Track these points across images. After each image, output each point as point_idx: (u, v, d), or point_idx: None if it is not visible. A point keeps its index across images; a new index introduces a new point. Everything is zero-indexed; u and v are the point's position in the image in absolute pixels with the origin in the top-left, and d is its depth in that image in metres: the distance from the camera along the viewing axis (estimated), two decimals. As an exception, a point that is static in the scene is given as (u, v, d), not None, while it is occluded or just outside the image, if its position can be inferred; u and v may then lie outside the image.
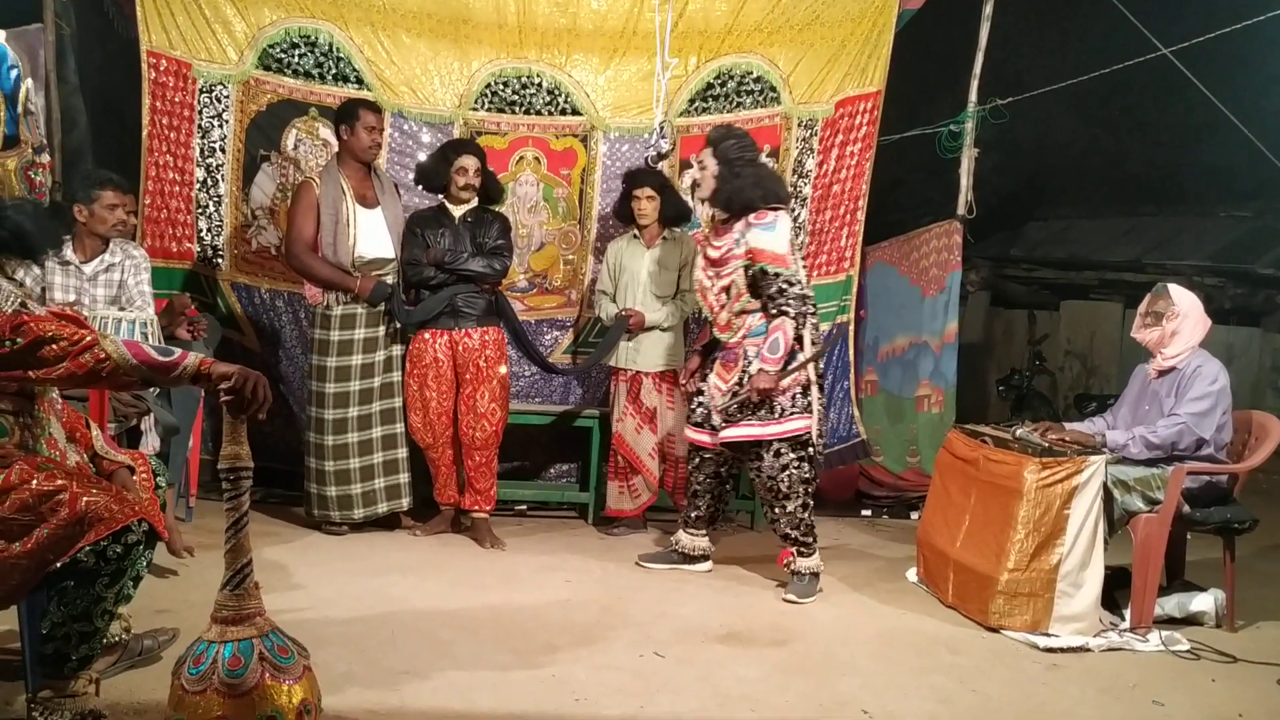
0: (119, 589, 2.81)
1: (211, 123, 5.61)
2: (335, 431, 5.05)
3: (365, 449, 5.11)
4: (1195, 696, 3.64)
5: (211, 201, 5.66)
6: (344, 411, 5.05)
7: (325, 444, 5.05)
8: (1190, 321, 4.48)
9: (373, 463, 5.14)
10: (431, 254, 5.02)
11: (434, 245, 5.03)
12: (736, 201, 4.49)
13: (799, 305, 4.44)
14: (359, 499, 5.12)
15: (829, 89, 6.00)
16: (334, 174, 5.01)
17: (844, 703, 3.40)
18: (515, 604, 4.23)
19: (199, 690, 2.43)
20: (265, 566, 4.39)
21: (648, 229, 5.44)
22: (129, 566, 2.78)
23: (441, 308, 5.03)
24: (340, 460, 5.06)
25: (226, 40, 5.57)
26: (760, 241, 4.43)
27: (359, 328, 5.05)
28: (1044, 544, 4.12)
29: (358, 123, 4.97)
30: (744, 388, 4.47)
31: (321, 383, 5.04)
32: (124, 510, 2.69)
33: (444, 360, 5.07)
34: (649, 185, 5.39)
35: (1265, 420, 4.59)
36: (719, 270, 4.57)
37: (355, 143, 5.00)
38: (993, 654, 3.97)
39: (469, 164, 5.08)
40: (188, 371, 2.59)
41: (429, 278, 5.03)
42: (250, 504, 2.63)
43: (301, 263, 4.99)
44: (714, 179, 4.55)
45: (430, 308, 5.03)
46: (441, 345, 5.07)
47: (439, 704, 3.19)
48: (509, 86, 5.87)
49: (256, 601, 2.58)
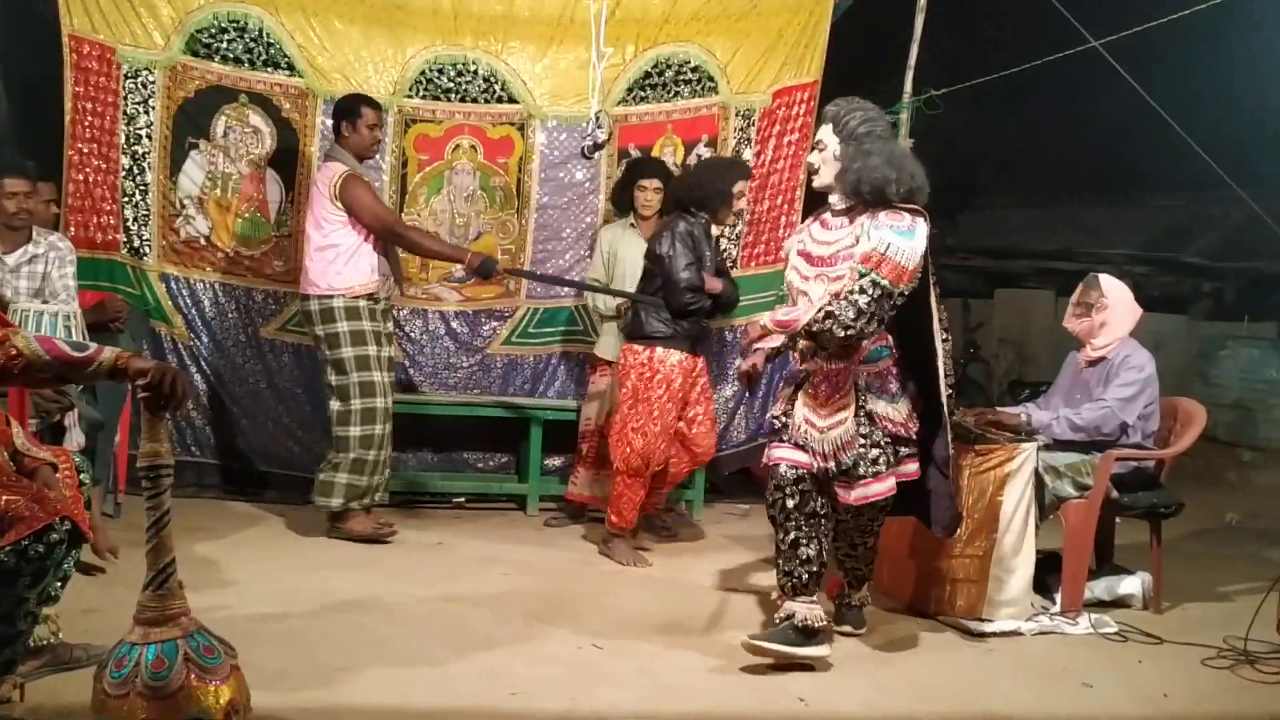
0: (42, 590, 2.72)
1: (137, 109, 5.47)
2: (364, 422, 4.85)
3: (386, 442, 4.97)
4: (1123, 678, 3.71)
5: (138, 190, 5.52)
6: (371, 401, 4.87)
7: (359, 434, 4.85)
8: (1120, 312, 4.56)
9: (384, 456, 5.00)
10: (725, 292, 4.91)
11: (709, 277, 4.82)
12: (866, 183, 3.54)
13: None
14: (375, 489, 5.01)
15: (766, 79, 6.02)
16: (356, 166, 4.94)
17: (782, 691, 3.41)
18: (452, 597, 4.19)
19: (121, 694, 2.37)
20: (197, 563, 4.30)
21: (648, 219, 5.34)
22: (52, 566, 2.69)
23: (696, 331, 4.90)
24: (379, 450, 4.91)
25: (152, 24, 5.43)
26: (888, 246, 3.46)
27: (364, 319, 4.86)
28: (978, 530, 4.17)
29: (360, 120, 4.90)
30: (867, 432, 3.59)
31: (344, 375, 4.87)
32: (45, 509, 2.61)
33: (682, 381, 4.79)
34: (656, 176, 5.30)
35: (1190, 407, 4.70)
36: (827, 271, 3.61)
37: (358, 139, 4.92)
38: (928, 639, 4.01)
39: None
40: (103, 367, 2.52)
41: (702, 306, 4.83)
42: (171, 500, 2.56)
43: (410, 238, 5.00)
44: (835, 159, 3.63)
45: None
46: (681, 366, 4.78)
47: (374, 700, 3.15)
48: (444, 74, 5.80)
49: (181, 601, 2.52)
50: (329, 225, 4.82)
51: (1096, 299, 4.55)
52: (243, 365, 5.67)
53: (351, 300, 4.83)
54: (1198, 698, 3.59)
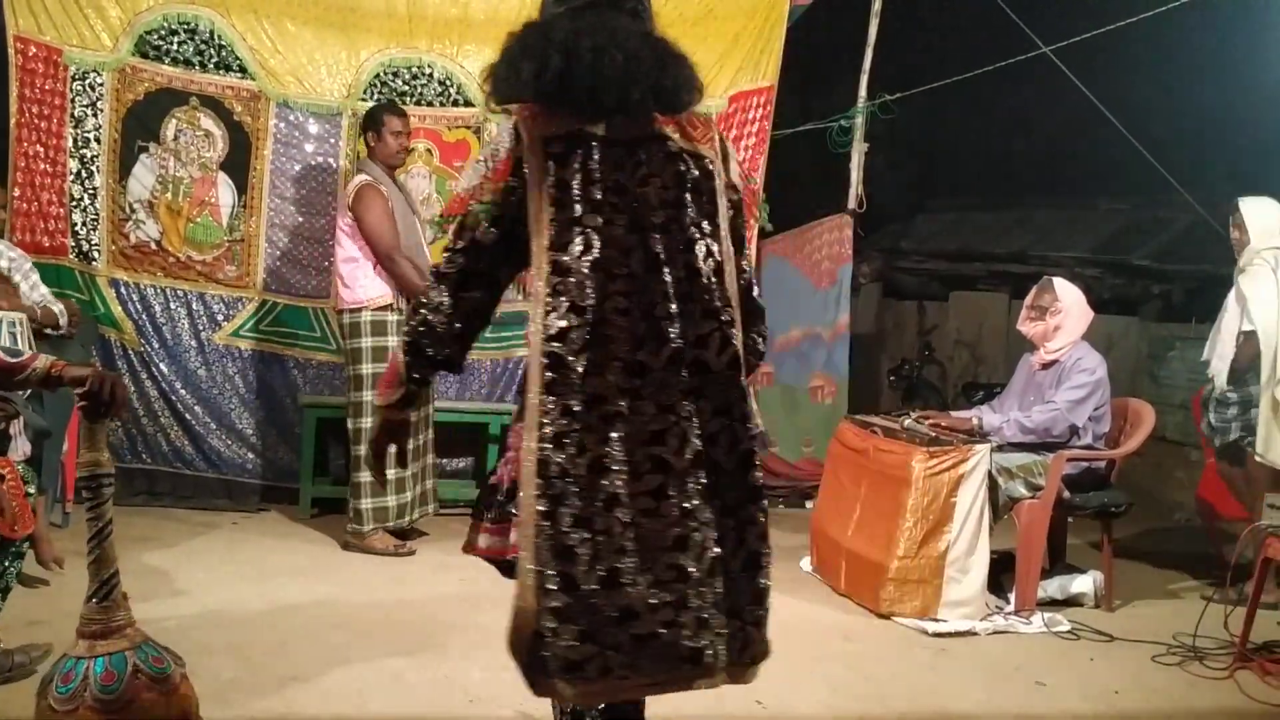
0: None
1: (85, 112, 5.38)
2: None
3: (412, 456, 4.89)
4: (1075, 675, 3.76)
5: (86, 194, 5.43)
6: None
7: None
8: (1073, 316, 4.62)
9: (410, 473, 4.94)
10: None
11: None
12: None
13: None
14: (408, 506, 4.97)
15: (723, 83, 6.03)
16: (384, 178, 4.90)
17: (739, 694, 3.41)
18: (408, 605, 4.16)
19: (69, 709, 2.31)
20: (147, 573, 4.24)
21: None
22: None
23: None
24: (399, 468, 4.82)
25: (100, 26, 5.35)
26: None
27: (390, 334, 4.80)
28: (932, 531, 4.21)
29: (384, 128, 4.90)
30: None
31: (360, 391, 4.83)
32: (-12, 520, 2.56)
33: None
34: None
35: (1140, 408, 4.78)
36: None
37: (383, 149, 4.92)
38: (884, 641, 4.04)
39: None
40: (37, 374, 2.47)
41: None
42: (116, 510, 2.52)
43: (400, 270, 4.81)
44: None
45: None
46: None
47: (328, 709, 3.12)
48: (399, 77, 5.76)
49: (126, 613, 2.47)
50: (348, 237, 4.87)
51: (1050, 303, 4.61)
52: (194, 371, 5.59)
53: (378, 313, 4.83)
54: (1148, 694, 3.64)
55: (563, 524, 2.02)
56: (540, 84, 2.09)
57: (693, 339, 2.10)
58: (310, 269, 5.66)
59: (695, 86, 2.23)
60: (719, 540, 2.10)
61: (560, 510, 2.02)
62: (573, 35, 2.11)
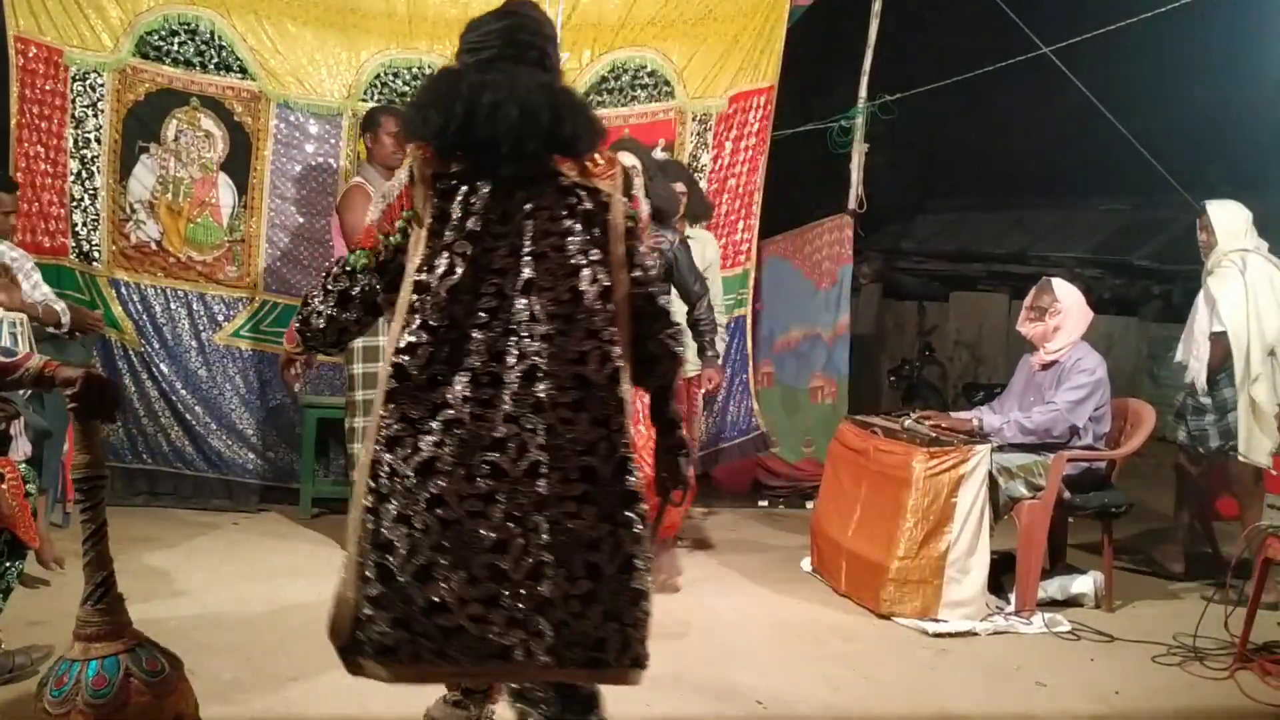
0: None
1: (86, 112, 5.38)
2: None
3: None
4: (1076, 676, 3.77)
5: (87, 195, 5.43)
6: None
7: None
8: (1073, 317, 4.62)
9: None
10: None
11: None
12: None
13: None
14: None
15: (723, 84, 6.04)
16: (379, 181, 4.82)
17: (740, 694, 3.42)
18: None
19: (62, 713, 2.31)
20: (147, 574, 4.24)
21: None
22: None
23: None
24: None
25: (100, 26, 5.35)
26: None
27: (379, 334, 4.51)
28: (932, 532, 4.21)
29: (380, 130, 4.89)
30: None
31: (354, 390, 4.80)
32: (-13, 520, 2.56)
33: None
34: (680, 180, 5.05)
35: (1140, 408, 4.78)
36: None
37: (380, 150, 4.90)
38: (884, 641, 4.04)
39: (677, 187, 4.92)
40: (29, 374, 2.48)
41: None
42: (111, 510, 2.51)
43: None
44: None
45: None
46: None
47: (329, 710, 3.13)
48: (399, 77, 5.75)
49: (123, 614, 2.47)
50: (340, 238, 4.84)
51: (1050, 303, 4.61)
52: (195, 372, 5.59)
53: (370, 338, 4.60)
54: (1148, 694, 3.65)
55: (385, 520, 2.21)
56: (443, 137, 2.29)
57: (573, 355, 2.25)
58: (310, 269, 5.65)
59: (594, 132, 2.38)
60: (593, 545, 2.24)
61: (384, 507, 2.22)
62: (477, 88, 2.29)
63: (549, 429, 2.21)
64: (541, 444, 2.21)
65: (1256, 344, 4.64)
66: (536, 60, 2.43)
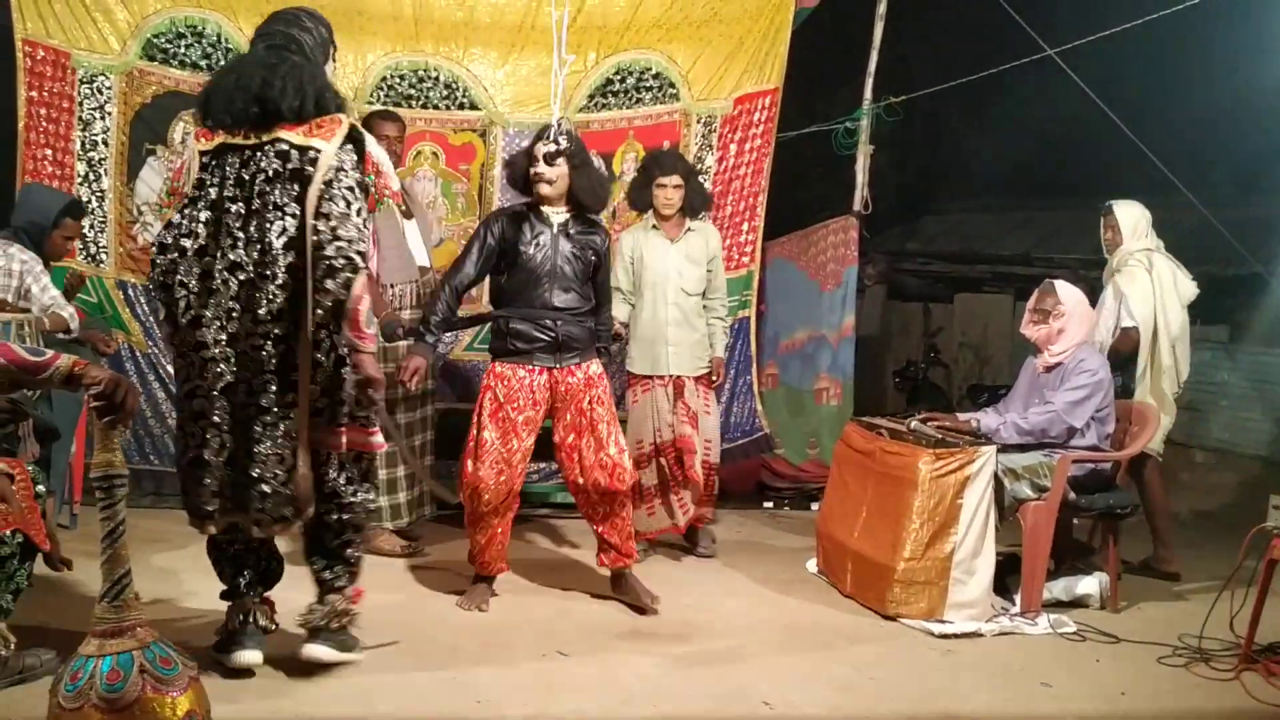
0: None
1: (93, 115, 5.41)
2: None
3: (392, 461, 4.84)
4: (1081, 677, 3.77)
5: (94, 197, 5.46)
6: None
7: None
8: (1076, 319, 4.62)
9: (404, 473, 4.93)
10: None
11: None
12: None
13: None
14: (402, 507, 4.95)
15: (728, 85, 6.05)
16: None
17: (746, 695, 3.43)
18: (417, 606, 4.17)
19: (75, 707, 2.34)
20: (157, 574, 4.26)
21: (670, 219, 5.01)
22: (4, 579, 2.66)
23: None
24: (389, 468, 4.83)
25: (108, 29, 5.38)
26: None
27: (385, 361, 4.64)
28: (938, 533, 4.22)
29: (375, 132, 4.78)
30: None
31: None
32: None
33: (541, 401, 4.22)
34: (676, 172, 4.95)
35: (1144, 409, 4.78)
36: None
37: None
38: (890, 642, 4.05)
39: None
40: (59, 373, 2.50)
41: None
42: (128, 510, 2.54)
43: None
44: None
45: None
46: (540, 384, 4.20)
47: (337, 710, 3.14)
48: (405, 80, 5.78)
49: (137, 612, 2.50)
50: None
51: (1053, 306, 4.61)
52: (202, 373, 5.60)
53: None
54: (1154, 695, 3.65)
55: (183, 424, 3.19)
56: (203, 114, 3.09)
57: (248, 296, 3.01)
58: (316, 271, 5.67)
59: (310, 98, 3.06)
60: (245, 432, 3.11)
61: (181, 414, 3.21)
62: (219, 74, 3.14)
63: (239, 355, 3.05)
64: (234, 365, 3.06)
65: (1164, 337, 5.01)
66: (282, 44, 3.17)
